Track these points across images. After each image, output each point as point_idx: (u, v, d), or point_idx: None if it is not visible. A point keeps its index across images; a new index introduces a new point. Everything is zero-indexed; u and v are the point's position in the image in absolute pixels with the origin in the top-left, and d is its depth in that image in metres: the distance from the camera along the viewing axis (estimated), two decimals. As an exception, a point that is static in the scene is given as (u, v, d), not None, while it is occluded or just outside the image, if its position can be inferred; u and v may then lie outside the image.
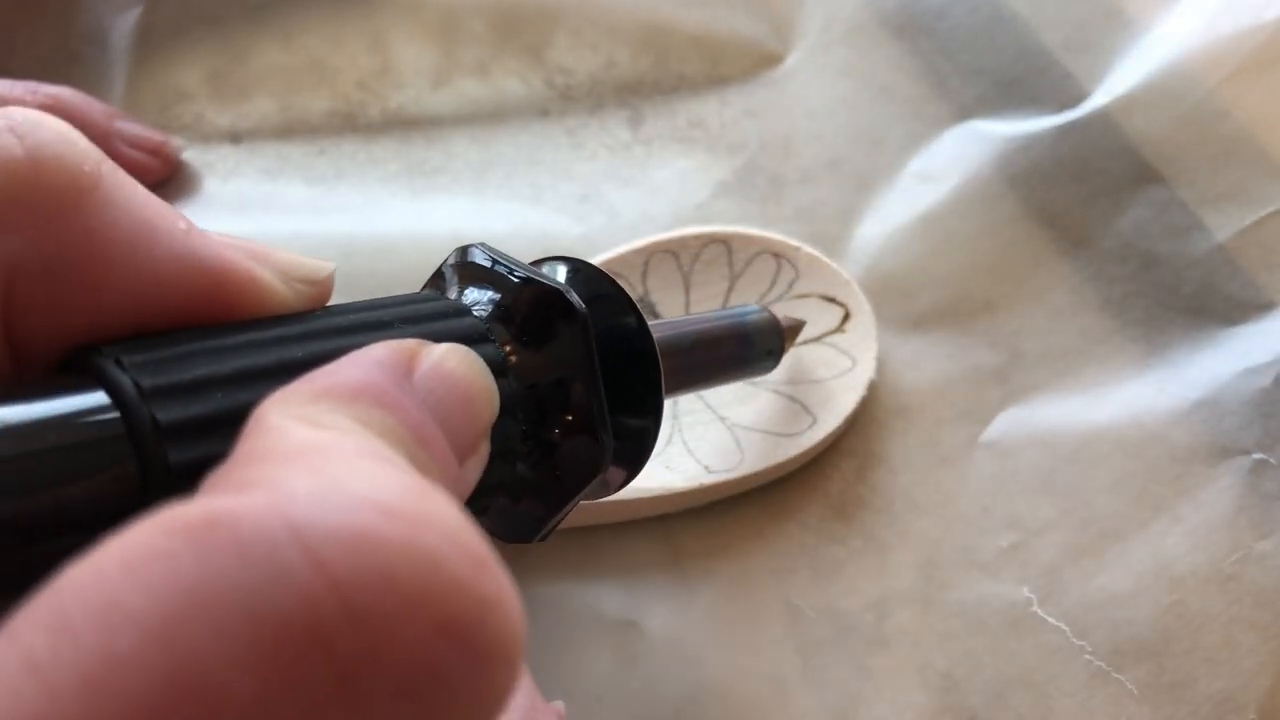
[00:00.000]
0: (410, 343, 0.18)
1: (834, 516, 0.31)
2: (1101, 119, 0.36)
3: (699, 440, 0.31)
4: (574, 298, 0.21)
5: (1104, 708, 0.28)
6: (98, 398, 0.16)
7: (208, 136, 0.38)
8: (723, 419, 0.32)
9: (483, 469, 0.19)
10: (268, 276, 0.19)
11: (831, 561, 0.31)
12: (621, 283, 0.33)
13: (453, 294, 0.22)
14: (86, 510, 0.15)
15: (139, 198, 0.18)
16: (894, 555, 0.31)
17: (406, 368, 0.17)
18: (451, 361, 0.18)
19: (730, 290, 0.34)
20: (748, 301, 0.33)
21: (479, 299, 0.22)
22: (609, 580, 0.30)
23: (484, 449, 0.19)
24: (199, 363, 0.17)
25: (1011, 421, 0.32)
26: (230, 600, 0.12)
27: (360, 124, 0.38)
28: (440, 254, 0.36)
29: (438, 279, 0.23)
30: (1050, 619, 0.29)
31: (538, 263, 0.24)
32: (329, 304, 0.20)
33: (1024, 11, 0.38)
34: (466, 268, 0.22)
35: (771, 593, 0.30)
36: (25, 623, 0.12)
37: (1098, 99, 0.36)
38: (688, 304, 0.33)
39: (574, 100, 0.39)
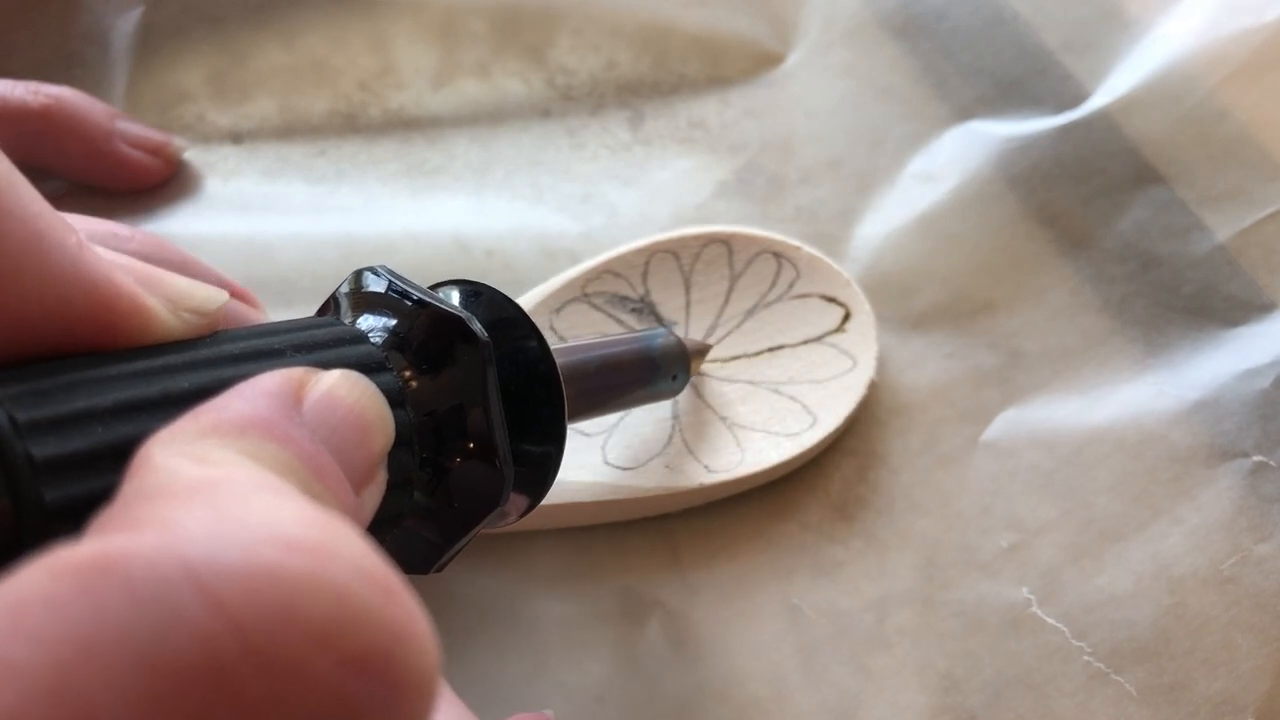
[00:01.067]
0: (298, 371, 0.17)
1: (834, 516, 0.31)
2: (1102, 119, 0.36)
3: (699, 440, 0.31)
4: (474, 324, 0.21)
5: (1103, 709, 0.28)
6: None
7: (209, 137, 0.38)
8: (723, 419, 0.32)
9: (381, 497, 0.18)
10: (154, 304, 0.18)
11: (831, 561, 0.31)
12: (622, 283, 0.33)
13: (347, 320, 0.21)
14: None
15: (33, 205, 0.16)
16: (894, 555, 0.31)
17: (296, 397, 0.17)
18: (342, 389, 0.17)
19: (730, 290, 0.34)
20: (748, 302, 0.33)
21: (375, 325, 0.21)
22: (609, 580, 0.30)
23: (381, 477, 0.18)
24: (79, 394, 0.16)
25: (1011, 422, 0.32)
26: (124, 647, 0.11)
27: (361, 124, 0.38)
28: (441, 254, 0.36)
29: (332, 305, 0.22)
30: (1050, 619, 0.29)
31: (438, 286, 0.23)
32: (219, 330, 0.20)
33: (1024, 12, 0.38)
34: (362, 294, 0.21)
35: (772, 593, 0.30)
36: None
37: (1098, 99, 0.36)
38: (688, 304, 0.33)
39: (575, 100, 0.39)
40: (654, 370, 0.29)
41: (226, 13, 0.40)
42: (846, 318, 0.33)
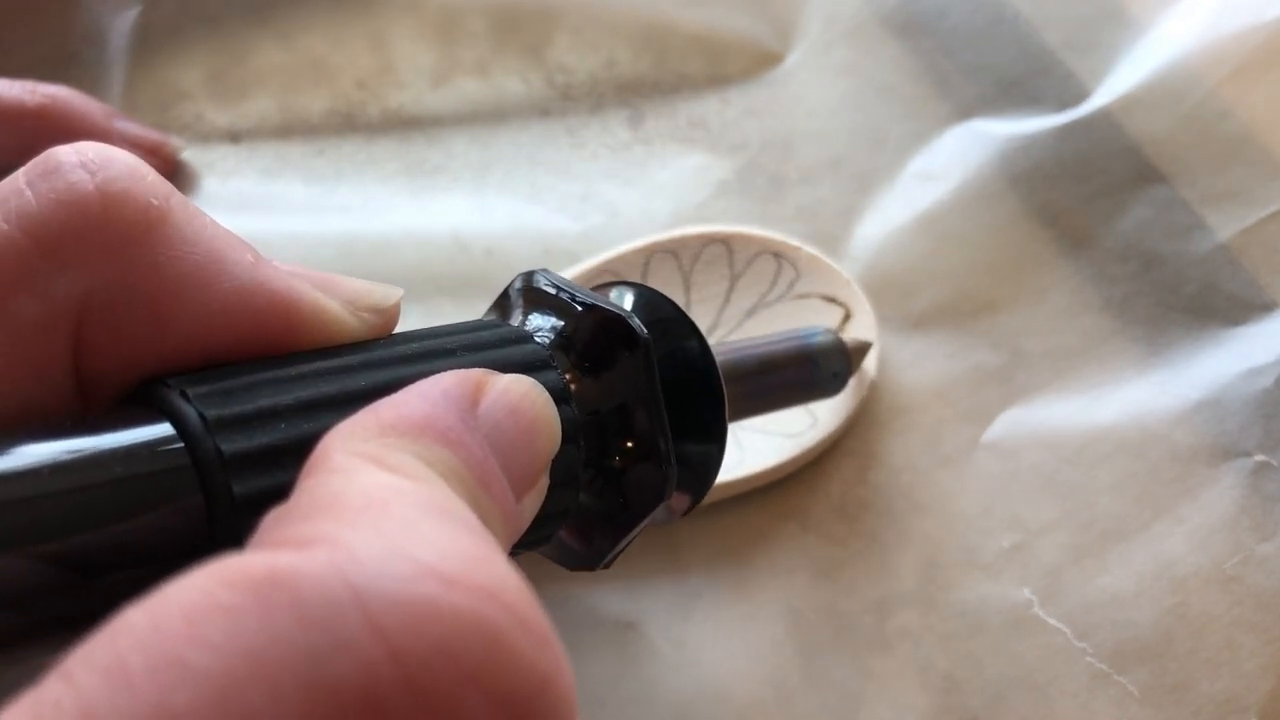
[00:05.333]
0: (476, 373, 0.18)
1: (835, 517, 0.31)
2: (1103, 118, 0.36)
3: (699, 441, 0.31)
4: (636, 323, 0.21)
5: (1105, 709, 0.28)
6: (163, 429, 0.16)
7: (207, 136, 0.38)
8: (723, 419, 0.32)
9: (541, 502, 0.19)
10: (334, 307, 0.19)
11: (832, 562, 0.31)
12: (622, 283, 0.33)
13: (516, 320, 0.22)
14: (152, 543, 0.15)
15: (207, 229, 0.18)
16: (895, 556, 0.30)
17: (473, 399, 0.17)
18: (516, 392, 0.18)
19: (730, 290, 0.34)
20: (747, 302, 0.33)
21: (541, 325, 0.21)
22: (609, 581, 0.30)
23: (543, 482, 0.19)
24: (263, 393, 0.17)
25: (1013, 422, 0.32)
26: (289, 663, 0.12)
27: (360, 124, 0.38)
28: (440, 253, 0.36)
29: (502, 303, 0.23)
30: (1051, 620, 0.29)
31: (601, 288, 0.24)
32: (396, 333, 0.20)
33: (1025, 10, 0.38)
34: (531, 293, 0.22)
35: (772, 594, 0.30)
36: (82, 666, 0.12)
37: (1099, 98, 0.36)
38: (688, 304, 0.33)
39: (574, 100, 0.39)
40: (814, 368, 0.28)
41: (224, 12, 0.40)
42: (847, 318, 0.33)
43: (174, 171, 0.37)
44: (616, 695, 0.29)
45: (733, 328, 0.33)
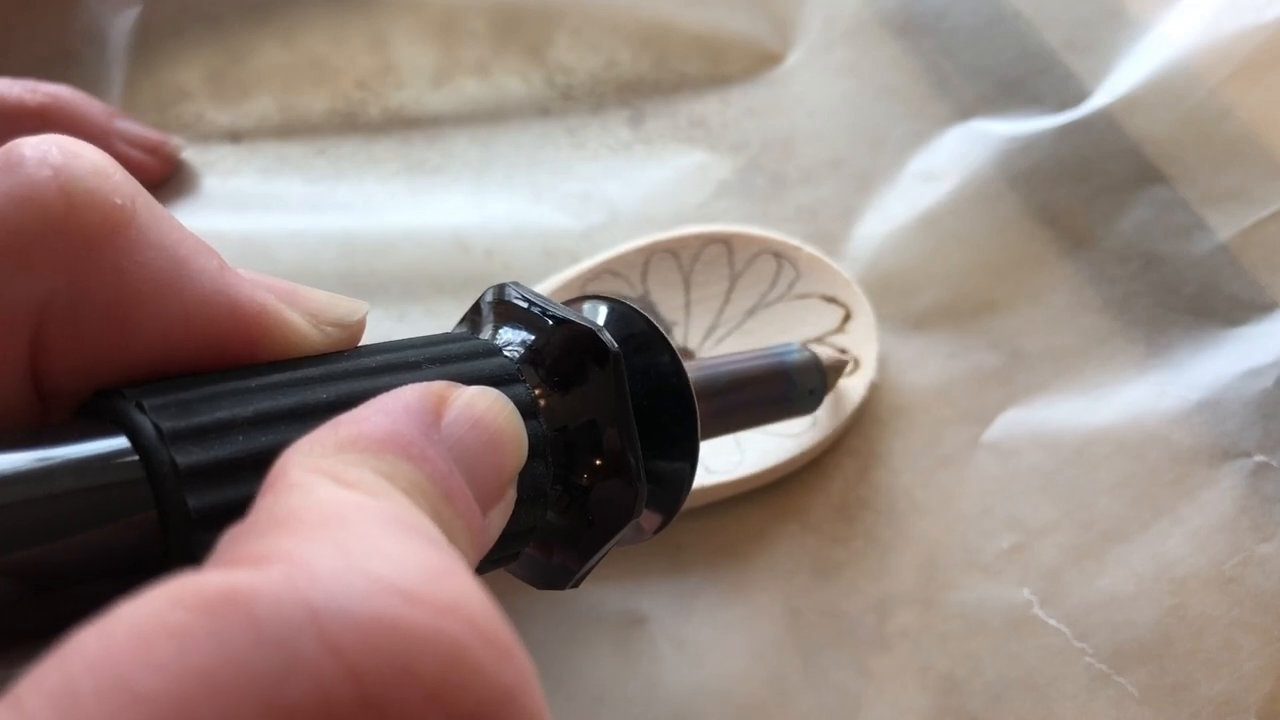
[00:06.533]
0: (438, 385, 0.18)
1: (835, 517, 0.31)
2: (1103, 118, 0.36)
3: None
4: (607, 338, 0.21)
5: (1105, 710, 0.28)
6: (118, 442, 0.16)
7: (207, 136, 0.38)
8: (723, 419, 0.32)
9: (508, 517, 0.18)
10: (297, 319, 0.19)
11: (832, 562, 0.31)
12: (621, 282, 0.33)
13: (486, 333, 0.22)
14: (106, 558, 0.15)
15: (173, 233, 0.17)
16: (895, 556, 0.30)
17: (435, 413, 0.17)
18: (481, 405, 0.18)
19: (730, 290, 0.34)
20: (748, 302, 0.33)
21: (511, 339, 0.21)
22: (609, 581, 0.30)
23: (510, 496, 0.18)
24: (221, 405, 0.16)
25: (1013, 422, 0.32)
26: (243, 685, 0.12)
27: (360, 123, 0.38)
28: (440, 253, 0.36)
29: (474, 316, 0.22)
30: (1051, 621, 0.29)
31: (574, 301, 0.23)
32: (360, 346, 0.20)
33: (1025, 11, 0.38)
34: (502, 306, 0.22)
35: (772, 594, 0.30)
36: (31, 691, 0.11)
37: (1099, 98, 0.36)
38: (688, 304, 0.33)
39: (575, 99, 0.39)
40: (789, 386, 0.28)
41: (225, 11, 0.40)
42: (847, 318, 0.33)
43: (174, 171, 0.37)
44: (616, 694, 0.29)
45: (732, 328, 0.33)
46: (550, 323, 0.21)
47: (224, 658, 0.12)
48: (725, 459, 0.31)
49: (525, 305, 0.21)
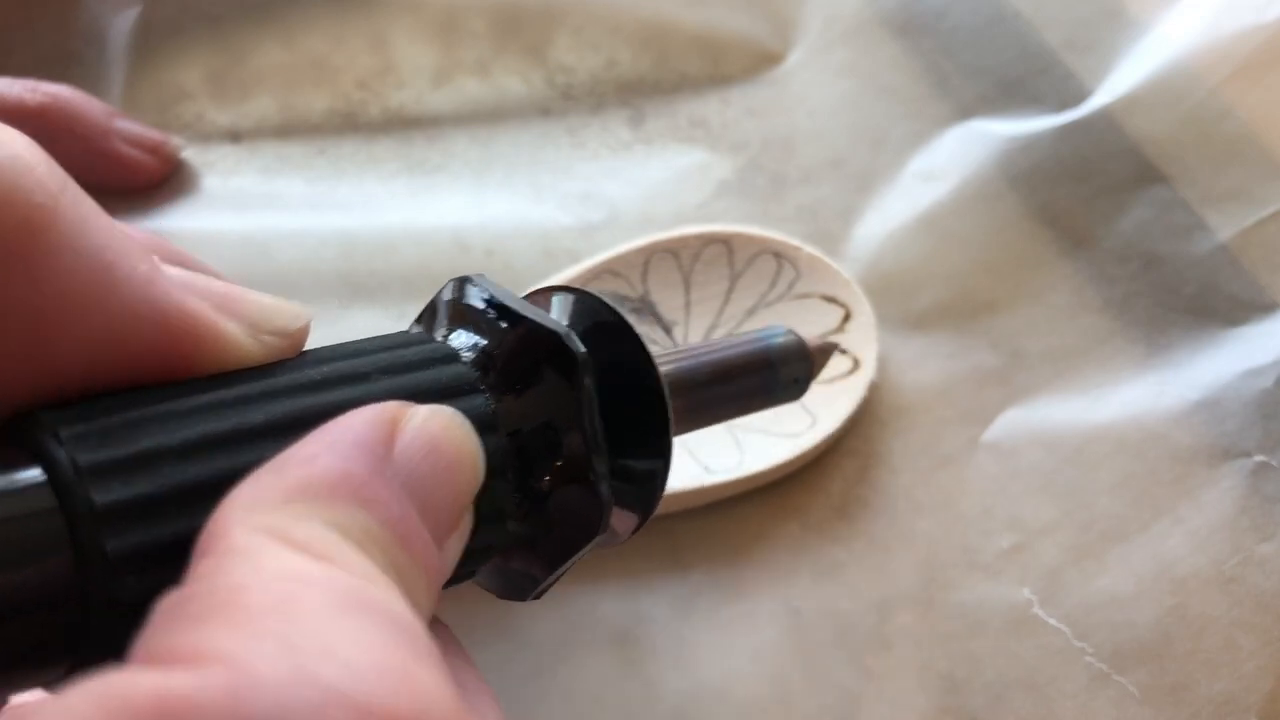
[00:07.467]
0: (390, 409, 0.16)
1: (835, 517, 0.31)
2: (1103, 118, 0.36)
3: (699, 440, 0.31)
4: (573, 341, 0.19)
5: (1105, 709, 0.28)
6: (32, 475, 0.14)
7: (207, 135, 0.38)
8: (723, 419, 0.32)
9: (465, 542, 0.17)
10: (232, 330, 0.17)
11: (832, 562, 0.31)
12: (621, 282, 0.33)
13: (441, 334, 0.20)
14: (14, 600, 0.14)
15: (99, 234, 0.16)
16: (895, 556, 0.30)
17: (387, 443, 0.16)
18: (435, 428, 0.16)
19: (730, 290, 0.34)
20: (748, 302, 0.33)
21: (468, 342, 0.20)
22: (609, 581, 0.30)
23: (466, 522, 0.17)
24: (146, 432, 0.15)
25: (1013, 422, 0.32)
26: None
27: (360, 123, 0.38)
28: (440, 253, 0.36)
29: (431, 313, 0.21)
30: (1051, 620, 0.29)
31: (536, 293, 0.22)
32: (304, 352, 0.19)
33: (1025, 10, 0.38)
34: (460, 303, 0.20)
35: (772, 594, 0.30)
36: None
37: (1099, 98, 0.36)
38: (688, 304, 0.33)
39: (575, 99, 0.39)
40: (772, 375, 0.26)
41: (225, 11, 0.40)
42: (847, 318, 0.33)
43: (174, 170, 0.37)
44: (616, 694, 0.29)
45: (733, 328, 0.33)
46: (511, 322, 0.19)
47: None
48: (725, 459, 0.31)
49: (484, 304, 0.20)
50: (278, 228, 0.36)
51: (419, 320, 0.21)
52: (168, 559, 0.15)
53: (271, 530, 0.14)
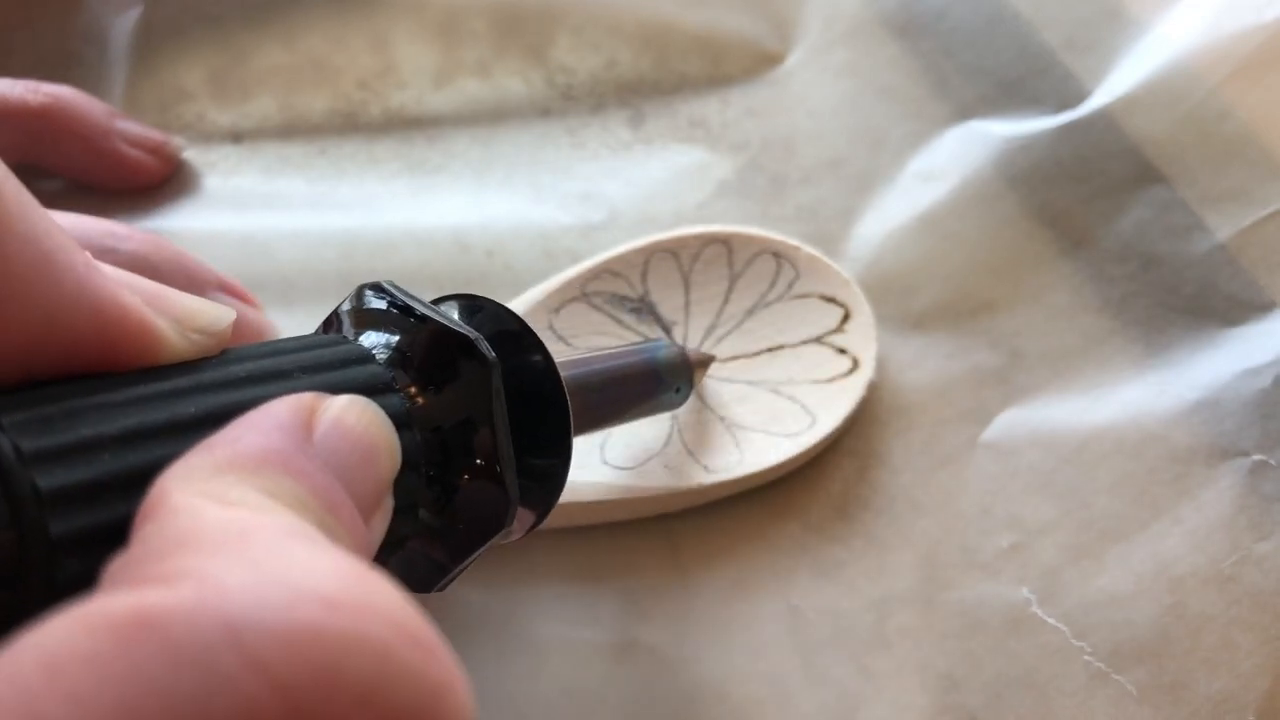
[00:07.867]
0: (308, 398, 0.17)
1: (834, 516, 0.31)
2: (1102, 119, 0.36)
3: (698, 440, 0.31)
4: (483, 344, 0.20)
5: (1103, 708, 0.28)
6: None
7: (209, 136, 0.38)
8: (722, 419, 0.32)
9: (387, 523, 0.18)
10: (162, 326, 0.18)
11: (832, 561, 0.31)
12: (621, 282, 0.33)
13: (352, 333, 0.21)
14: None
15: (38, 225, 0.16)
16: (894, 555, 0.31)
17: (307, 427, 0.17)
18: (351, 416, 0.17)
19: (730, 290, 0.34)
20: (747, 302, 0.33)
21: (378, 343, 0.21)
22: (609, 581, 0.30)
23: (388, 504, 0.18)
24: (85, 421, 0.16)
25: (1012, 422, 0.32)
26: (164, 710, 0.11)
27: (361, 123, 0.38)
28: (441, 253, 0.36)
29: (335, 322, 0.22)
30: (1050, 619, 0.29)
31: (441, 300, 0.23)
32: (228, 349, 0.19)
33: (1025, 11, 0.38)
34: (364, 311, 0.21)
35: (772, 593, 0.30)
36: None
37: (1099, 99, 0.36)
38: (687, 304, 0.33)
39: (575, 100, 0.39)
40: (658, 383, 0.28)
41: (226, 12, 0.40)
42: (846, 318, 0.33)
43: (175, 171, 0.37)
44: (616, 694, 0.29)
45: (732, 327, 0.33)
46: (420, 324, 0.21)
47: (141, 684, 0.11)
48: (724, 459, 0.31)
49: (393, 306, 0.21)
50: (278, 228, 0.36)
51: (323, 327, 0.22)
52: (109, 542, 0.15)
53: (207, 494, 0.14)
